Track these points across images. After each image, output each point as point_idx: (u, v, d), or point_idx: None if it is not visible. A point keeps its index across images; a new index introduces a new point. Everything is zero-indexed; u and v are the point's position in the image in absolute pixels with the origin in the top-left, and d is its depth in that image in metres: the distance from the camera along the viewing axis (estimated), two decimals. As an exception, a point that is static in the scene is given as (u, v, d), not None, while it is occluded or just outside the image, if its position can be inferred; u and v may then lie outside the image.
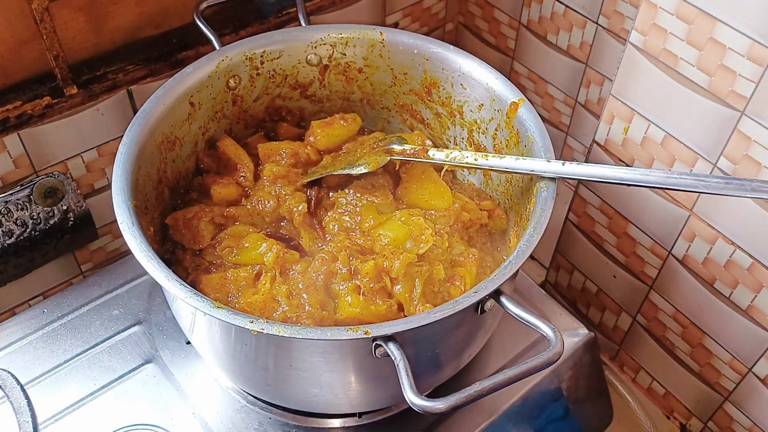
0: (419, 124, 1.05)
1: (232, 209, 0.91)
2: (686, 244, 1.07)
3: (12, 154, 0.94)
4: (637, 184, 0.76)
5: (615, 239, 1.21)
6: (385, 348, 0.67)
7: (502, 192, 0.97)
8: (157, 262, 0.72)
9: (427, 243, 0.85)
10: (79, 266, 1.11)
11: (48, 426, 0.91)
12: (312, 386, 0.78)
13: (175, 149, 0.92)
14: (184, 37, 1.04)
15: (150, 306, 1.02)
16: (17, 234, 0.97)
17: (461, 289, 0.83)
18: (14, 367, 0.94)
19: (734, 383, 1.12)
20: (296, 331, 0.67)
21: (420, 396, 0.63)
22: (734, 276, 1.02)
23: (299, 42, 0.99)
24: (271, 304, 0.79)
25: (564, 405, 1.03)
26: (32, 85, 0.94)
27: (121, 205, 0.76)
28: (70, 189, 1.00)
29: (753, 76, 0.86)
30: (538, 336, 1.01)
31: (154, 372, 0.96)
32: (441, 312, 0.68)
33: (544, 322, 0.68)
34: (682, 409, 1.25)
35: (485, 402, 0.93)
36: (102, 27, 0.97)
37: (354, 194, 0.91)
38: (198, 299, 0.69)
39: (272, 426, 0.91)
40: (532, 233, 0.76)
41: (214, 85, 0.94)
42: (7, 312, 1.07)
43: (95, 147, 1.02)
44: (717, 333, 1.10)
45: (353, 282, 0.81)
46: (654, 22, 0.95)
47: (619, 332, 1.31)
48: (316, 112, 1.07)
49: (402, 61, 0.99)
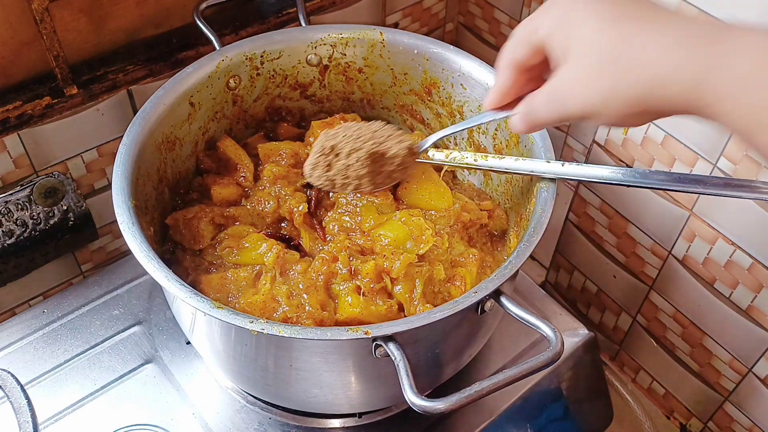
0: (419, 124, 1.05)
1: (232, 209, 0.91)
2: (686, 244, 1.07)
3: (12, 154, 0.94)
4: (637, 184, 0.76)
5: (615, 239, 1.21)
6: (385, 348, 0.67)
7: (502, 192, 0.97)
8: (157, 262, 0.72)
9: (427, 243, 0.85)
10: (79, 266, 1.11)
11: (48, 426, 0.91)
12: (312, 386, 0.78)
13: (175, 149, 0.92)
14: (184, 37, 1.04)
15: (150, 306, 1.02)
16: (17, 234, 0.97)
17: (461, 289, 0.83)
18: (14, 367, 0.94)
19: (734, 383, 1.12)
20: (296, 332, 0.67)
21: (420, 396, 0.63)
22: (734, 276, 1.02)
23: (299, 42, 0.99)
24: (271, 305, 0.79)
25: (564, 405, 1.03)
26: (32, 85, 0.94)
27: (121, 205, 0.76)
28: (70, 189, 1.00)
29: (753, 76, 0.86)
30: (538, 336, 1.01)
31: (154, 372, 0.96)
32: (441, 312, 0.69)
33: (544, 322, 0.69)
34: (682, 409, 1.25)
35: (485, 402, 0.94)
36: (102, 27, 0.97)
37: (354, 194, 0.91)
38: (198, 299, 0.69)
39: (272, 426, 0.91)
40: (532, 233, 0.76)
41: (214, 85, 0.94)
42: (7, 312, 1.07)
43: (95, 147, 1.02)
44: (717, 333, 1.10)
45: (353, 282, 0.81)
46: (654, 22, 0.95)
47: (619, 332, 1.31)
48: (316, 112, 1.07)
49: (402, 61, 0.99)
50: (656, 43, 0.50)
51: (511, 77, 0.63)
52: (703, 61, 0.47)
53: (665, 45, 0.49)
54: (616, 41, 0.52)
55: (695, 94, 0.48)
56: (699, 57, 0.47)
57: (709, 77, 0.47)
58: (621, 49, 0.52)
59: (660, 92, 0.50)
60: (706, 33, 0.48)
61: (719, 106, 0.47)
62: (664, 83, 0.50)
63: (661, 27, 0.50)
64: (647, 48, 0.50)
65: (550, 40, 0.57)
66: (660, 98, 0.51)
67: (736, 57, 0.45)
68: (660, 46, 0.49)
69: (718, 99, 0.47)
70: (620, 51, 0.52)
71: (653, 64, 0.50)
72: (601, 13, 0.53)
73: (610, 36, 0.52)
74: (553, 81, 0.58)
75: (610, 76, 0.52)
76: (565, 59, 0.56)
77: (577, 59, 0.55)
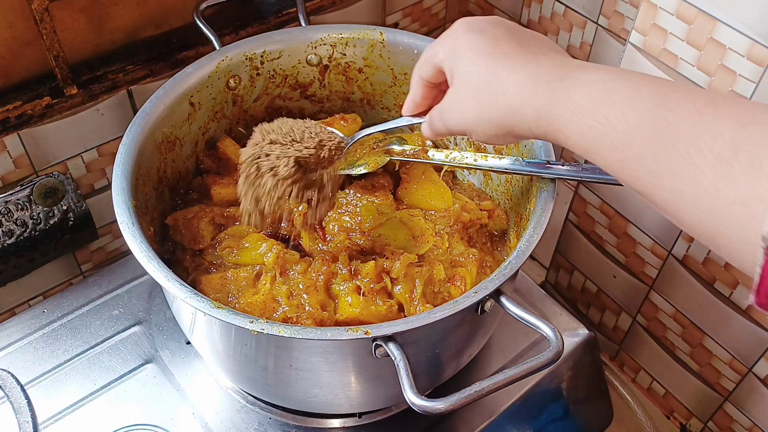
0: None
1: (232, 209, 0.91)
2: (686, 244, 1.07)
3: (12, 154, 0.94)
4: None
5: (615, 239, 1.21)
6: (385, 348, 0.67)
7: (502, 192, 0.97)
8: (157, 262, 0.72)
9: (427, 243, 0.85)
10: (79, 266, 1.11)
11: (48, 426, 0.91)
12: (312, 386, 0.78)
13: (175, 149, 0.92)
14: (184, 37, 1.04)
15: (150, 306, 1.02)
16: (17, 234, 0.97)
17: (461, 289, 0.83)
18: (14, 367, 0.94)
19: (734, 383, 1.12)
20: (296, 332, 0.67)
21: (420, 396, 0.63)
22: (734, 276, 1.02)
23: (299, 42, 0.99)
24: (271, 305, 0.79)
25: (564, 405, 1.03)
26: (32, 85, 0.94)
27: (121, 205, 0.76)
28: (70, 189, 1.00)
29: (753, 76, 0.86)
30: (538, 336, 1.01)
31: (154, 372, 0.96)
32: (441, 312, 0.69)
33: (544, 322, 0.68)
34: (682, 409, 1.25)
35: (485, 402, 0.94)
36: (102, 27, 0.97)
37: (354, 194, 0.91)
38: (198, 299, 0.69)
39: (272, 426, 0.91)
40: (532, 233, 0.76)
41: (214, 85, 0.94)
42: (7, 312, 1.07)
43: (95, 147, 1.02)
44: (717, 333, 1.10)
45: (353, 282, 0.81)
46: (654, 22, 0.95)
47: (619, 332, 1.31)
48: (316, 112, 1.07)
49: (402, 61, 0.99)
50: (514, 79, 0.59)
51: (420, 91, 0.73)
52: (547, 96, 0.57)
53: (519, 81, 0.59)
54: (485, 73, 0.61)
55: (545, 121, 0.58)
56: (544, 93, 0.57)
57: (555, 108, 0.56)
58: (488, 80, 0.61)
59: (517, 119, 0.60)
60: (556, 72, 0.58)
61: (564, 131, 0.56)
62: (519, 111, 0.59)
63: (521, 65, 0.60)
64: (508, 81, 0.60)
65: (442, 65, 0.66)
66: (518, 123, 0.60)
67: (575, 91, 0.55)
68: (515, 81, 0.59)
69: (563, 125, 0.56)
70: (488, 81, 0.61)
71: (510, 95, 0.59)
72: (479, 48, 0.62)
73: (480, 68, 0.62)
74: (444, 100, 0.67)
75: (479, 102, 0.62)
76: (452, 83, 0.65)
77: (458, 85, 0.64)
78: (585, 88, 0.55)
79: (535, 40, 0.64)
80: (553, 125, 0.57)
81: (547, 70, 0.58)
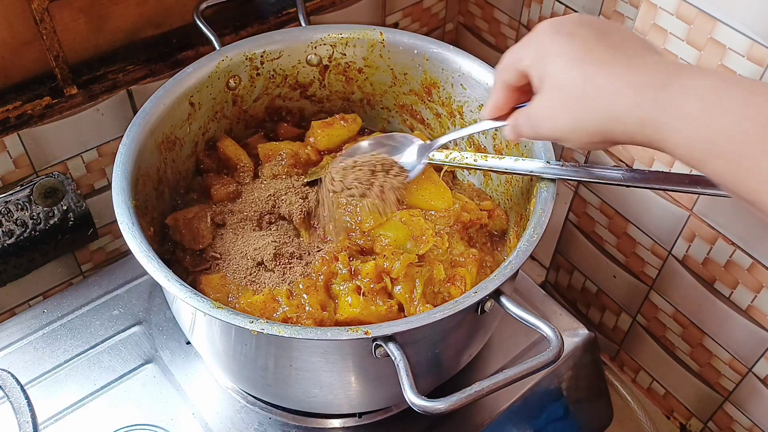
0: (419, 125, 1.05)
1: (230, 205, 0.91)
2: (686, 244, 1.07)
3: (12, 154, 0.94)
4: (637, 184, 0.76)
5: (615, 239, 1.21)
6: (385, 348, 0.67)
7: (502, 192, 0.97)
8: (157, 262, 0.72)
9: (427, 243, 0.85)
10: (79, 266, 1.11)
11: (48, 426, 0.91)
12: (312, 386, 0.78)
13: (175, 149, 0.92)
14: (184, 37, 1.04)
15: (150, 306, 1.02)
16: (17, 234, 0.97)
17: (461, 289, 0.83)
18: (14, 367, 0.94)
19: (734, 383, 1.12)
20: (296, 332, 0.67)
21: (420, 396, 0.63)
22: (734, 276, 1.02)
23: (299, 42, 0.99)
24: (271, 305, 0.79)
25: (564, 405, 1.04)
26: (32, 85, 0.94)
27: (121, 205, 0.76)
28: (70, 189, 1.00)
29: (753, 76, 0.86)
30: (538, 336, 1.01)
31: (154, 372, 0.96)
32: (441, 312, 0.69)
33: (544, 322, 0.69)
34: (682, 409, 1.25)
35: (485, 402, 0.94)
36: (102, 27, 0.97)
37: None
38: (198, 299, 0.69)
39: (272, 426, 0.91)
40: (532, 233, 0.76)
41: (214, 85, 0.94)
42: (7, 312, 1.07)
43: (95, 147, 1.02)
44: (717, 333, 1.10)
45: (353, 282, 0.81)
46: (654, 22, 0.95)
47: (619, 332, 1.31)
48: (316, 112, 1.07)
49: (402, 62, 0.99)
50: (612, 86, 0.57)
51: (503, 95, 0.72)
52: (652, 104, 0.55)
53: (618, 89, 0.57)
54: (579, 80, 0.59)
55: (649, 129, 0.56)
56: (648, 101, 0.55)
57: (662, 116, 0.54)
58: (583, 88, 0.59)
59: (617, 126, 0.58)
60: (658, 78, 0.56)
61: (671, 140, 0.55)
62: (620, 119, 0.57)
63: (618, 72, 0.58)
64: (605, 89, 0.58)
65: (529, 71, 0.65)
66: (617, 131, 0.58)
67: (684, 99, 0.53)
68: (614, 90, 0.57)
69: (670, 135, 0.54)
70: (582, 89, 0.59)
71: (609, 104, 0.58)
72: (569, 53, 0.61)
73: (573, 75, 0.60)
74: (532, 105, 0.66)
75: (573, 111, 0.61)
76: (541, 89, 0.64)
77: (548, 92, 0.63)
78: (695, 96, 0.53)
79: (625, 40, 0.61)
80: (659, 134, 0.55)
81: (648, 76, 0.56)
